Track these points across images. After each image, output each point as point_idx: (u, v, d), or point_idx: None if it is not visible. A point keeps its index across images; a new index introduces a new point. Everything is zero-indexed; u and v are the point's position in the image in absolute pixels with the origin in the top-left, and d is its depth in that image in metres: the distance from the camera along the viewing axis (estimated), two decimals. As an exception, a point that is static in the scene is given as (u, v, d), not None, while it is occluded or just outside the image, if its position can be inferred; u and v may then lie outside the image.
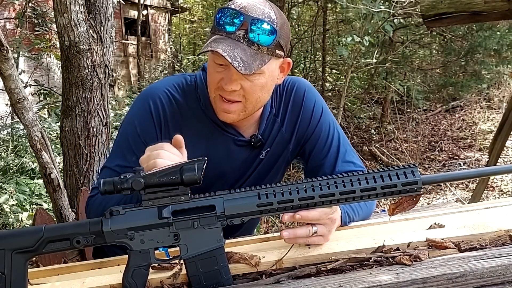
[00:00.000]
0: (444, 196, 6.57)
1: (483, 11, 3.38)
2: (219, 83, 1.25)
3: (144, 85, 11.05)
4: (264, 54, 1.20)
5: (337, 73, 9.74)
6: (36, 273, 1.18)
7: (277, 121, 1.43)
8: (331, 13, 9.86)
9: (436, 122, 9.90)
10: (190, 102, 1.37)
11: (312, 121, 1.43)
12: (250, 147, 1.42)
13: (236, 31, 1.18)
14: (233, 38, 1.18)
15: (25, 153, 5.97)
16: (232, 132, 1.38)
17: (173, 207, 1.01)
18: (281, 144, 1.44)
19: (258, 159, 1.44)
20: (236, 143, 1.40)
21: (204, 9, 15.07)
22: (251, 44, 1.18)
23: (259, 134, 1.41)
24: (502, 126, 4.45)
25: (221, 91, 1.26)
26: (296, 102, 1.42)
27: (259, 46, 1.19)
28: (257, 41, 1.18)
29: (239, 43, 1.18)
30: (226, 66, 1.22)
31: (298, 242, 1.11)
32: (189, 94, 1.38)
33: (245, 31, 1.18)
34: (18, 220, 4.45)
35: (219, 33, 1.20)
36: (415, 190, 1.03)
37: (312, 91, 1.46)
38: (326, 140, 1.43)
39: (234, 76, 1.22)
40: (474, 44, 8.21)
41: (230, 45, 1.17)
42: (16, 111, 2.22)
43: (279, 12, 1.25)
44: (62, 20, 2.45)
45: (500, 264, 0.94)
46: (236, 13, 1.18)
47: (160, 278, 1.05)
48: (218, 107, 1.30)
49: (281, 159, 1.47)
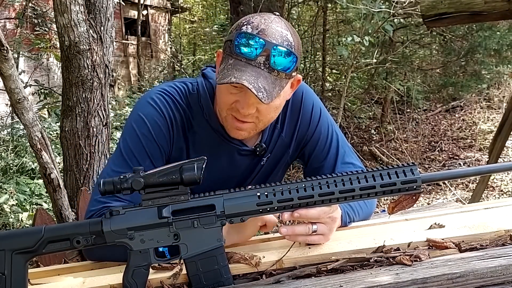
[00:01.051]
0: (444, 196, 6.57)
1: (483, 11, 3.38)
2: (232, 104, 1.23)
3: (144, 85, 11.05)
4: (282, 79, 1.19)
5: (337, 73, 9.73)
6: (36, 273, 1.19)
7: (277, 127, 1.42)
8: (331, 13, 9.85)
9: (436, 122, 9.89)
10: (194, 111, 1.35)
11: (311, 123, 1.43)
12: (253, 156, 1.41)
13: (257, 58, 1.15)
14: (254, 65, 1.15)
15: (25, 153, 5.97)
16: (236, 143, 1.37)
17: (173, 206, 1.01)
18: (281, 149, 1.44)
19: (259, 165, 1.44)
20: (240, 152, 1.39)
21: (204, 9, 15.07)
22: (272, 71, 1.16)
23: (263, 143, 1.40)
24: (502, 126, 4.45)
25: (235, 112, 1.24)
26: (294, 105, 1.42)
27: (279, 72, 1.17)
28: (278, 67, 1.16)
29: (260, 70, 1.15)
30: (242, 88, 1.17)
31: (297, 240, 1.11)
32: (192, 103, 1.35)
33: (266, 57, 1.15)
34: (18, 220, 4.45)
35: (237, 57, 1.16)
36: (414, 189, 1.03)
37: (310, 94, 1.46)
38: (326, 142, 1.43)
39: (251, 100, 1.19)
40: (474, 44, 8.21)
41: (253, 74, 1.14)
42: (16, 111, 2.22)
43: (293, 29, 1.23)
44: (62, 20, 2.45)
45: (500, 264, 0.94)
46: (256, 38, 1.15)
47: (160, 278, 1.05)
48: (229, 125, 1.28)
49: (280, 163, 1.47)
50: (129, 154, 1.30)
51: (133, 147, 1.30)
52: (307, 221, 1.09)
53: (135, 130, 1.31)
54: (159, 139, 1.31)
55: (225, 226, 1.04)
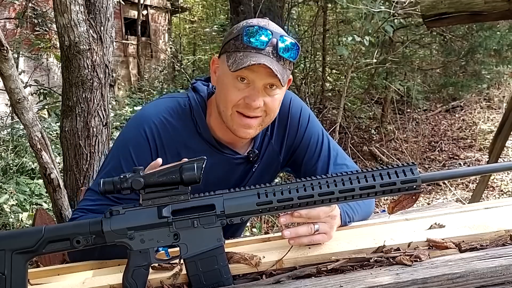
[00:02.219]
0: (444, 196, 6.56)
1: (483, 11, 3.37)
2: (240, 100, 1.26)
3: (144, 85, 11.04)
4: (287, 69, 1.25)
5: (337, 73, 9.73)
6: (36, 273, 1.19)
7: (267, 134, 1.45)
8: (331, 13, 9.85)
9: (436, 122, 9.89)
10: (186, 126, 1.36)
11: (299, 129, 1.46)
12: (246, 163, 1.43)
13: (265, 47, 1.21)
14: (264, 54, 1.21)
15: (25, 153, 5.97)
16: (229, 152, 1.39)
17: (173, 206, 1.01)
18: (271, 156, 1.46)
19: (250, 172, 1.45)
20: (233, 161, 1.41)
21: (204, 9, 15.07)
22: (279, 59, 1.22)
23: (255, 149, 1.42)
24: (502, 126, 4.44)
25: (242, 108, 1.26)
26: (282, 113, 1.44)
27: (285, 61, 1.23)
28: (285, 55, 1.22)
29: (270, 58, 1.21)
30: (249, 83, 1.24)
31: (302, 242, 1.11)
32: (184, 118, 1.36)
33: (274, 47, 1.21)
34: (18, 220, 4.45)
35: (246, 49, 1.21)
36: (414, 188, 1.03)
37: (297, 101, 1.49)
38: (316, 145, 1.45)
39: (260, 92, 1.24)
40: (474, 44, 8.20)
41: (268, 59, 1.20)
42: (16, 111, 2.22)
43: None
44: (62, 20, 2.45)
45: (501, 264, 0.94)
46: (263, 30, 1.21)
47: (160, 278, 1.05)
48: (236, 123, 1.29)
49: (270, 170, 1.49)
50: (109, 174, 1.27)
51: (113, 171, 1.28)
52: (308, 221, 1.09)
53: (118, 155, 1.32)
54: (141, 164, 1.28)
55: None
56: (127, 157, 1.31)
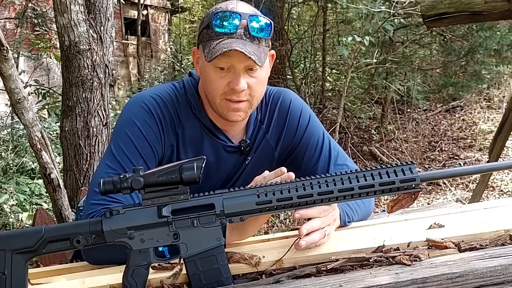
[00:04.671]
0: (444, 196, 6.56)
1: (483, 11, 3.38)
2: (225, 87, 1.26)
3: (144, 85, 11.04)
4: (263, 47, 1.25)
5: (337, 73, 9.72)
6: (36, 273, 1.19)
7: (262, 128, 1.45)
8: (331, 13, 9.84)
9: (436, 122, 9.88)
10: (183, 108, 1.37)
11: (299, 128, 1.45)
12: (239, 153, 1.43)
13: (236, 31, 1.21)
14: (237, 37, 1.21)
15: (25, 153, 5.97)
16: (222, 138, 1.40)
17: (173, 206, 1.01)
18: (266, 150, 1.46)
19: (244, 165, 1.45)
20: (225, 149, 1.41)
21: (204, 9, 15.06)
22: (253, 39, 1.22)
23: (247, 139, 1.42)
24: (502, 126, 4.44)
25: (229, 95, 1.27)
26: (281, 111, 1.44)
27: (259, 40, 1.23)
28: (258, 35, 1.22)
29: (243, 40, 1.21)
30: (229, 69, 1.24)
31: (315, 245, 1.11)
32: (181, 100, 1.38)
33: (245, 28, 1.22)
34: (18, 220, 4.45)
35: (219, 36, 1.22)
36: (413, 187, 1.03)
37: (298, 101, 1.49)
38: (316, 145, 1.45)
39: (241, 75, 1.24)
40: (474, 44, 8.20)
41: (240, 42, 1.20)
42: (16, 111, 2.23)
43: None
44: (62, 20, 2.46)
45: (500, 264, 0.94)
46: (231, 14, 1.21)
47: (160, 278, 1.06)
48: (226, 109, 1.30)
49: (264, 165, 1.47)
50: (122, 155, 1.29)
51: (125, 148, 1.30)
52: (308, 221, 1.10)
53: (126, 132, 1.32)
54: (150, 138, 1.32)
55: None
56: (137, 134, 1.30)
